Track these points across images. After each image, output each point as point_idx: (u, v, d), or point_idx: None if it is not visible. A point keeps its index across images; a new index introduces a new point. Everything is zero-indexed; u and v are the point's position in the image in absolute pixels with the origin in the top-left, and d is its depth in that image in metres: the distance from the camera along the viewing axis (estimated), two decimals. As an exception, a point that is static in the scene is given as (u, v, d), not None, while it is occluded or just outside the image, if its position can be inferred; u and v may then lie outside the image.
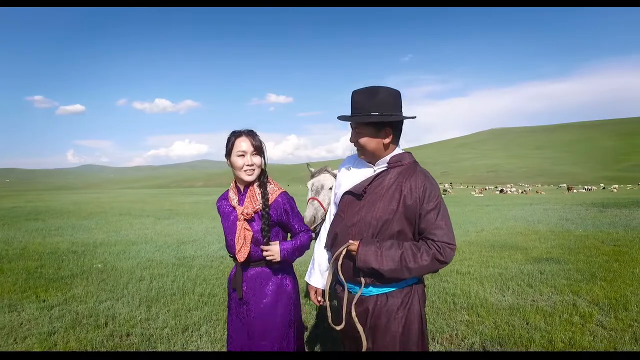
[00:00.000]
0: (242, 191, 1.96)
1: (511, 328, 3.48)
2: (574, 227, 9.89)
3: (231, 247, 1.96)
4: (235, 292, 1.96)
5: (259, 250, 1.90)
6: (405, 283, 1.66)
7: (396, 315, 1.62)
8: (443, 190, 52.27)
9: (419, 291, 1.70)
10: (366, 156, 1.74)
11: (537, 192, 46.23)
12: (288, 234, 2.06)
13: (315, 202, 2.90)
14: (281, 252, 1.88)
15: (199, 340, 3.33)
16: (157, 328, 3.58)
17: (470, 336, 3.34)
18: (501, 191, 51.18)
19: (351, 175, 1.81)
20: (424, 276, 1.77)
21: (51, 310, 4.05)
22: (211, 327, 3.57)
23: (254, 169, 1.91)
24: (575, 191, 48.65)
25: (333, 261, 1.69)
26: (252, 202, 1.91)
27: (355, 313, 1.64)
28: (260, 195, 1.92)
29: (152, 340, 3.33)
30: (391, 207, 1.63)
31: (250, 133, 1.93)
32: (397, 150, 1.74)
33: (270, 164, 2.03)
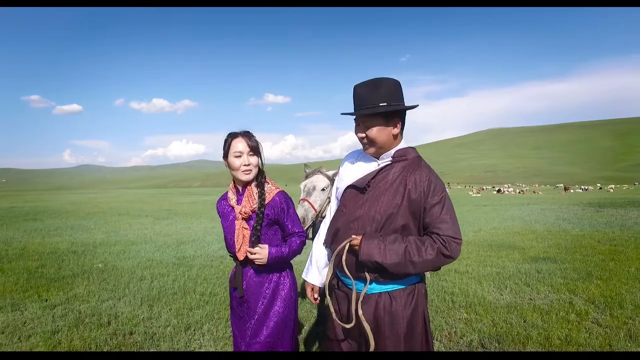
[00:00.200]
0: (241, 191, 2.00)
1: (509, 326, 3.54)
2: (571, 227, 9.98)
3: (230, 247, 1.99)
4: (236, 291, 1.99)
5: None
6: (408, 282, 1.64)
7: (400, 315, 1.59)
8: (441, 190, 52.21)
9: (422, 291, 1.68)
10: (375, 149, 1.69)
11: (535, 192, 46.42)
12: None
13: (305, 203, 2.88)
14: (269, 257, 1.89)
15: (202, 338, 3.37)
16: (160, 326, 3.62)
17: (469, 334, 3.39)
18: (498, 191, 51.35)
19: (354, 169, 1.79)
20: (424, 275, 1.76)
21: (54, 309, 4.08)
22: (213, 326, 3.62)
23: (251, 169, 1.94)
24: (572, 191, 48.88)
25: (335, 256, 1.64)
26: (250, 202, 1.94)
27: (362, 312, 1.59)
28: (257, 194, 1.96)
29: (156, 338, 3.37)
30: (395, 201, 1.60)
31: (246, 134, 1.96)
32: (402, 144, 1.73)
33: (268, 164, 2.06)
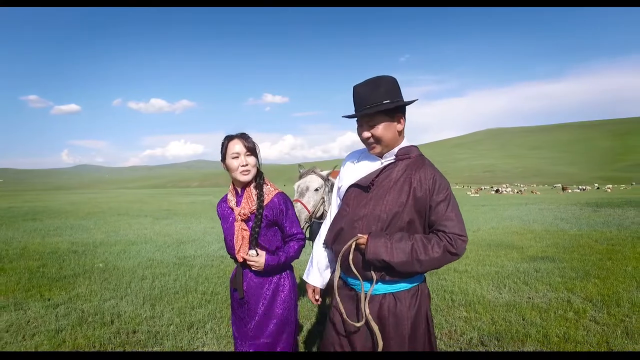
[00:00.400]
0: (240, 193, 2.01)
1: (508, 324, 3.58)
2: (569, 227, 10.05)
3: (230, 248, 2.00)
4: (236, 292, 2.01)
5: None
6: (412, 283, 1.64)
7: (405, 316, 1.60)
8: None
9: (425, 291, 1.69)
10: (382, 148, 1.68)
11: (533, 192, 46.56)
12: None
13: (298, 204, 2.88)
14: (265, 264, 1.92)
15: (205, 337, 3.41)
16: (163, 325, 3.65)
17: (468, 332, 3.44)
18: (497, 191, 51.49)
19: (357, 168, 1.78)
20: (425, 275, 1.76)
21: (56, 308, 4.11)
22: (216, 325, 3.65)
23: (249, 169, 1.95)
24: (570, 191, 49.05)
25: (341, 256, 1.63)
26: (249, 203, 1.96)
27: (369, 311, 1.59)
28: (256, 196, 1.97)
29: (159, 337, 3.40)
30: (401, 200, 1.59)
31: (242, 135, 1.98)
32: (405, 142, 1.72)
33: (266, 164, 2.07)
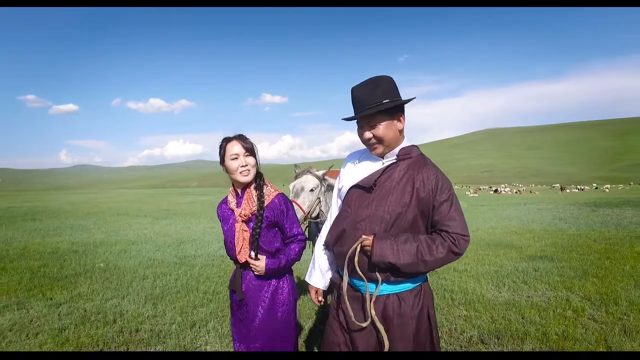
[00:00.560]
0: (240, 194, 2.01)
1: (507, 322, 3.62)
2: (567, 226, 10.10)
3: (230, 250, 2.00)
4: (236, 294, 2.01)
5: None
6: (415, 282, 1.65)
7: (409, 316, 1.60)
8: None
9: (427, 290, 1.69)
10: (384, 148, 1.67)
11: (531, 192, 46.67)
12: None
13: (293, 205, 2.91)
14: (266, 268, 1.93)
15: (207, 335, 3.43)
16: (165, 324, 3.68)
17: (468, 330, 3.47)
18: (495, 191, 51.59)
19: (358, 169, 1.77)
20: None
21: (59, 307, 4.13)
22: (218, 324, 3.67)
23: (249, 170, 1.95)
24: (568, 191, 49.18)
25: (348, 258, 1.62)
26: (249, 204, 1.96)
27: (375, 312, 1.59)
28: (256, 197, 1.97)
29: (162, 335, 3.43)
30: (404, 200, 1.59)
31: (240, 137, 1.98)
32: (405, 142, 1.72)
33: (265, 164, 2.07)
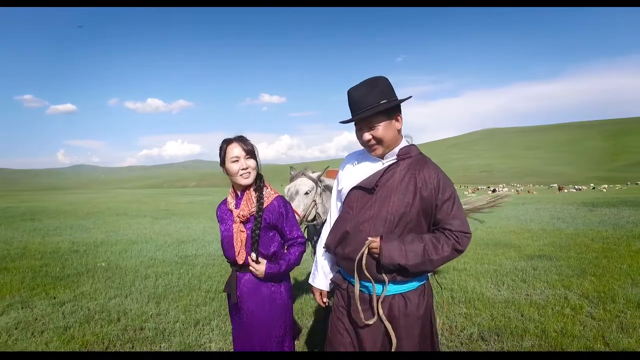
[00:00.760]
0: (239, 195, 2.01)
1: (507, 319, 3.67)
2: (565, 226, 10.18)
3: (227, 251, 1.99)
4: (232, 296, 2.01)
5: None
6: (419, 282, 1.66)
7: (415, 316, 1.62)
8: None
9: (429, 289, 1.70)
10: (383, 149, 1.68)
11: (529, 192, 46.83)
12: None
13: None
14: (265, 272, 1.92)
15: (211, 333, 3.48)
16: (169, 322, 3.71)
17: (469, 327, 3.52)
18: (493, 191, 51.75)
19: (357, 170, 1.76)
20: None
21: (62, 306, 4.16)
22: (221, 322, 3.72)
23: (250, 172, 1.95)
24: (566, 191, 49.38)
25: (357, 262, 1.61)
26: (248, 205, 1.95)
27: (382, 311, 1.61)
28: (256, 198, 1.96)
29: (166, 333, 3.46)
30: (407, 200, 1.60)
31: (240, 138, 1.97)
32: (404, 142, 1.73)
33: (263, 165, 2.06)
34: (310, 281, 1.94)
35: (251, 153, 1.96)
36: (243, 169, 1.92)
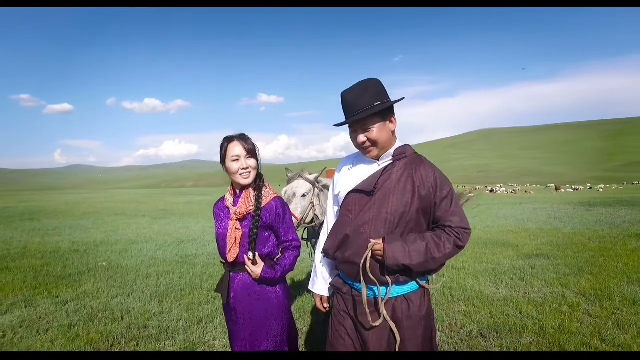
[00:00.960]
0: (238, 193, 1.99)
1: (506, 317, 3.73)
2: (562, 225, 10.27)
3: (222, 248, 1.97)
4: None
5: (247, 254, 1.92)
6: (421, 280, 1.67)
7: (417, 317, 1.63)
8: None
9: (428, 290, 1.71)
10: (378, 151, 1.68)
11: (526, 192, 47.04)
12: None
13: None
14: (260, 276, 1.89)
15: (214, 331, 3.51)
16: (173, 320, 3.75)
17: (468, 324, 3.58)
18: (491, 191, 51.93)
19: (353, 174, 1.76)
20: None
21: (66, 305, 4.19)
22: (224, 320, 3.75)
23: (250, 172, 1.93)
24: (563, 191, 49.62)
25: (362, 266, 1.60)
26: (246, 203, 1.93)
27: (386, 312, 1.61)
28: (254, 197, 1.94)
29: (170, 331, 3.50)
30: (405, 199, 1.60)
31: (242, 137, 1.94)
32: (398, 142, 1.73)
33: (261, 164, 2.04)
34: (310, 287, 1.93)
35: (252, 152, 1.94)
36: (243, 169, 1.91)
